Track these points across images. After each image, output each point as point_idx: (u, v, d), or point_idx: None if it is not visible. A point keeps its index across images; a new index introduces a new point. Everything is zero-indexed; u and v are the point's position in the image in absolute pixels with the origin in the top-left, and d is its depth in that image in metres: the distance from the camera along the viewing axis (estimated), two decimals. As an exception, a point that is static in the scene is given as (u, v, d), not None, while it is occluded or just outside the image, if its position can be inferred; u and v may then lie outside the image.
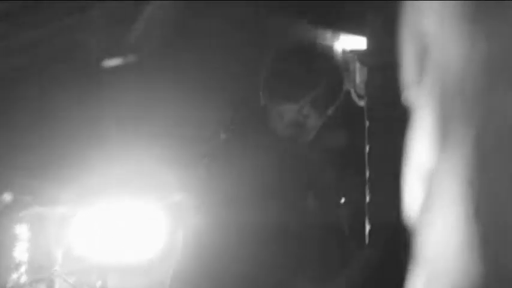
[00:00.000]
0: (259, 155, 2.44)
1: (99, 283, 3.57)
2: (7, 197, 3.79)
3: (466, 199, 0.51)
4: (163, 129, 3.72)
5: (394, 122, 3.01)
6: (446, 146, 0.54)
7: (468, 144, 0.52)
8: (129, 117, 3.71)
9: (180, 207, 3.74)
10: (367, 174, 3.26)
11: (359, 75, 3.22)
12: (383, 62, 2.97)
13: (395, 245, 2.27)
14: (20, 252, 3.84)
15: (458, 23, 0.54)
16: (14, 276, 3.79)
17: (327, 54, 2.56)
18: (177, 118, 3.65)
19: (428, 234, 0.54)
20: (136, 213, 4.00)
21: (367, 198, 3.19)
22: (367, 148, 3.27)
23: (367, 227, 3.17)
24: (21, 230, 3.87)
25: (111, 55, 3.65)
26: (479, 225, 0.50)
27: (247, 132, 2.54)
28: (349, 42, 3.21)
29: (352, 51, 3.20)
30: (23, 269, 3.82)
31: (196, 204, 2.47)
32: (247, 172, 2.41)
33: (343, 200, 2.95)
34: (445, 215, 0.52)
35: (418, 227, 0.57)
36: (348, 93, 3.05)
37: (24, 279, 3.80)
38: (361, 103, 3.30)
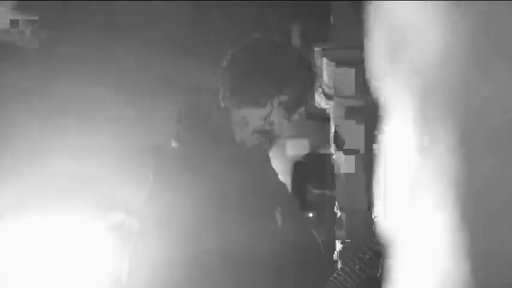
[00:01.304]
0: (218, 167, 2.24)
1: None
2: None
3: (451, 194, 0.52)
4: (103, 135, 3.50)
5: (364, 121, 2.97)
6: (428, 138, 0.54)
7: (452, 136, 0.52)
8: (69, 119, 3.49)
9: (123, 229, 3.47)
10: (336, 184, 3.08)
11: (326, 72, 3.03)
12: (351, 56, 2.80)
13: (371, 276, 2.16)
14: None
15: (438, 9, 0.54)
16: None
17: (293, 50, 2.35)
18: (120, 124, 3.45)
19: (411, 235, 0.56)
20: (77, 232, 3.67)
21: (338, 214, 3.01)
22: (334, 155, 3.08)
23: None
24: None
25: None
26: (466, 220, 0.51)
27: (203, 140, 2.32)
28: (313, 35, 3.04)
29: (318, 46, 3.03)
30: None
31: (138, 229, 2.24)
32: (203, 187, 2.20)
33: (310, 215, 2.78)
34: (429, 213, 0.53)
35: (396, 239, 0.57)
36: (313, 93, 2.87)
37: None
38: (327, 106, 3.10)
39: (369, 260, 2.10)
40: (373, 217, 2.06)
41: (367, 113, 2.75)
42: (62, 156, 3.35)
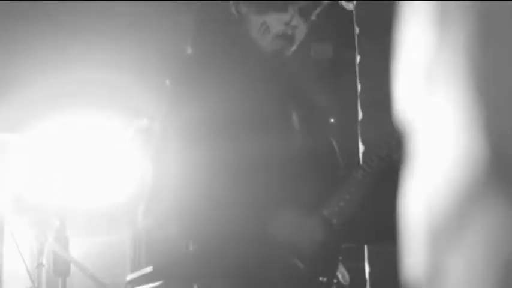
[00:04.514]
0: (236, 72, 2.28)
1: (56, 224, 3.38)
2: None
3: (468, 81, 0.52)
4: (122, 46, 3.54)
5: (387, 25, 2.96)
6: (445, 32, 0.55)
7: (469, 25, 0.53)
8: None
9: (149, 134, 3.56)
10: (359, 88, 3.11)
11: None
12: None
13: (391, 164, 2.17)
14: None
15: None
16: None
17: None
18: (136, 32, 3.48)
19: (427, 129, 0.56)
20: (100, 136, 3.71)
21: (359, 116, 3.05)
22: (358, 58, 3.11)
23: (361, 147, 3.05)
24: None
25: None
26: (482, 104, 0.52)
27: (220, 44, 2.37)
28: None
29: None
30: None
31: (163, 133, 2.31)
32: (220, 92, 2.25)
33: (332, 120, 2.83)
34: (446, 105, 0.54)
35: (415, 127, 0.58)
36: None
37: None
38: (349, 6, 3.11)
39: (396, 144, 2.15)
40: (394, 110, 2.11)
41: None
42: (86, 63, 3.43)
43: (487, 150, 0.51)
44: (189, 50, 2.38)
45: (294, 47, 2.37)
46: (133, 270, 3.70)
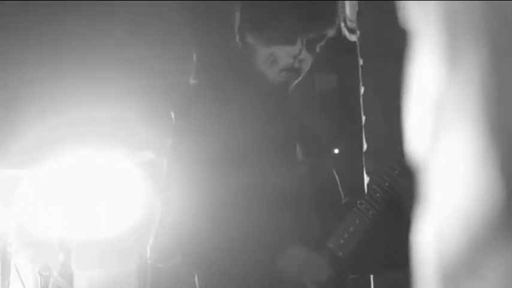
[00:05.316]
0: (240, 103, 2.29)
1: (60, 257, 3.39)
2: None
3: (481, 120, 0.50)
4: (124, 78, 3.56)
5: (391, 57, 2.99)
6: (456, 68, 0.53)
7: (482, 62, 0.51)
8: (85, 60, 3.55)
9: (153, 166, 3.57)
10: (363, 119, 3.13)
11: (349, 6, 3.06)
12: None
13: (397, 197, 2.18)
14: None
15: None
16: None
17: None
18: (139, 64, 3.50)
19: (438, 168, 0.55)
20: (106, 170, 3.74)
21: (364, 147, 3.07)
22: (362, 89, 3.13)
23: (366, 180, 3.07)
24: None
25: None
26: (497, 147, 0.50)
27: (224, 76, 2.38)
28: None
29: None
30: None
31: (169, 167, 2.33)
32: (224, 124, 2.26)
33: (336, 151, 2.85)
34: (458, 141, 0.52)
35: (425, 165, 0.57)
36: (338, 27, 2.90)
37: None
38: (353, 38, 3.14)
39: (398, 175, 2.15)
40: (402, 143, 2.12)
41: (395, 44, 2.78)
42: (86, 99, 3.45)
43: (502, 187, 0.49)
44: (192, 81, 2.40)
45: (299, 78, 2.39)
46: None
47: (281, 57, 2.30)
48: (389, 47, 2.81)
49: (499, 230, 0.50)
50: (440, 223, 0.54)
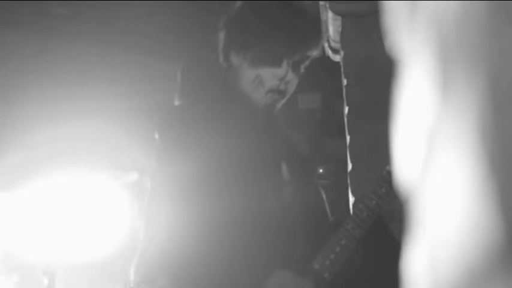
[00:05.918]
0: (226, 123, 2.28)
1: (45, 282, 3.36)
2: None
3: (477, 152, 0.49)
4: (109, 98, 3.56)
5: (375, 76, 3.01)
6: (449, 96, 0.52)
7: (477, 92, 0.50)
8: (69, 81, 3.55)
9: (138, 188, 3.58)
10: (348, 138, 3.15)
11: (332, 26, 3.09)
12: (359, 9, 2.84)
13: (385, 216, 2.18)
14: None
15: None
16: None
17: (301, 5, 2.40)
18: (121, 84, 3.50)
19: (430, 198, 0.53)
20: (91, 192, 3.72)
21: (349, 167, 3.08)
22: (346, 109, 3.15)
23: (351, 199, 3.08)
24: None
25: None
26: (495, 181, 0.48)
27: (209, 96, 2.38)
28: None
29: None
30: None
31: (153, 189, 2.31)
32: (209, 146, 2.25)
33: (321, 170, 2.86)
34: (452, 173, 0.51)
35: (415, 193, 0.55)
36: (322, 48, 2.92)
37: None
38: (336, 58, 3.17)
39: (385, 194, 2.15)
40: (388, 167, 2.10)
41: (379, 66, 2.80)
42: (69, 118, 3.44)
43: (500, 223, 0.48)
44: (177, 102, 2.39)
45: (285, 99, 2.39)
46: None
47: (267, 79, 2.28)
48: (375, 66, 2.83)
49: (499, 264, 0.48)
50: (434, 253, 0.53)
